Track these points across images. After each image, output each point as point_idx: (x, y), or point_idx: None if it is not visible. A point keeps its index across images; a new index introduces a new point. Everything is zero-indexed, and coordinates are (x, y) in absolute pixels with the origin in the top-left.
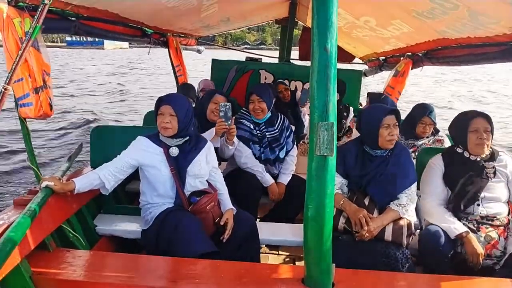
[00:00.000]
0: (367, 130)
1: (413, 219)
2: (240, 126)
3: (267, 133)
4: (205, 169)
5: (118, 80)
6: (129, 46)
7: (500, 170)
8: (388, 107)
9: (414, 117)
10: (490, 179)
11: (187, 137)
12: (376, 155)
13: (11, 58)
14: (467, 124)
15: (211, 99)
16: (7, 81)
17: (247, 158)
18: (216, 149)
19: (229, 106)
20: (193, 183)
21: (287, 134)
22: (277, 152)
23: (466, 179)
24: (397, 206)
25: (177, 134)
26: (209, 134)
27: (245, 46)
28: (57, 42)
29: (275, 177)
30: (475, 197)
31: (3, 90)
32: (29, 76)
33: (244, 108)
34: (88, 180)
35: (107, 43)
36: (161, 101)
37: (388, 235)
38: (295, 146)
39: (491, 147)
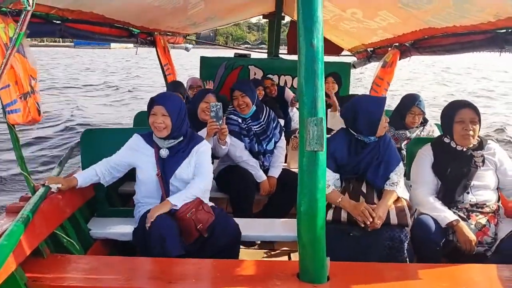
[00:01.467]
0: (368, 119)
1: (406, 195)
2: (229, 122)
3: (253, 127)
4: (193, 172)
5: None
6: (134, 46)
7: (488, 158)
8: (382, 97)
9: (403, 108)
10: (479, 167)
11: (180, 138)
12: (370, 142)
13: None
14: (454, 114)
15: (203, 98)
16: None
17: (242, 151)
18: None
19: (220, 106)
20: (180, 186)
21: (273, 125)
22: (265, 144)
23: (454, 168)
24: (391, 185)
25: (170, 135)
26: (201, 134)
27: (246, 45)
28: (59, 42)
29: (266, 170)
30: (464, 186)
31: None
32: (16, 82)
33: (231, 105)
34: (88, 175)
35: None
36: (153, 101)
37: (393, 219)
38: (282, 137)
39: (479, 136)
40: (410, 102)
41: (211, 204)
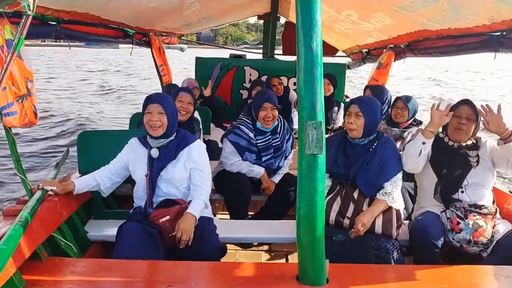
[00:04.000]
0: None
1: (401, 206)
2: (238, 132)
3: (273, 142)
4: (181, 173)
5: None
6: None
7: (483, 157)
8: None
9: (391, 105)
10: (473, 167)
11: (171, 138)
12: (355, 143)
13: None
14: (453, 109)
15: (176, 97)
16: None
17: (232, 165)
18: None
19: None
20: (165, 189)
21: (287, 138)
22: (278, 162)
23: (449, 165)
24: (383, 195)
25: (164, 134)
26: None
27: (245, 45)
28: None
29: None
30: (458, 183)
31: None
32: (12, 84)
33: (242, 114)
34: (86, 181)
35: None
36: (149, 100)
37: (378, 228)
38: (292, 150)
39: (475, 138)
40: (396, 99)
41: (207, 213)
